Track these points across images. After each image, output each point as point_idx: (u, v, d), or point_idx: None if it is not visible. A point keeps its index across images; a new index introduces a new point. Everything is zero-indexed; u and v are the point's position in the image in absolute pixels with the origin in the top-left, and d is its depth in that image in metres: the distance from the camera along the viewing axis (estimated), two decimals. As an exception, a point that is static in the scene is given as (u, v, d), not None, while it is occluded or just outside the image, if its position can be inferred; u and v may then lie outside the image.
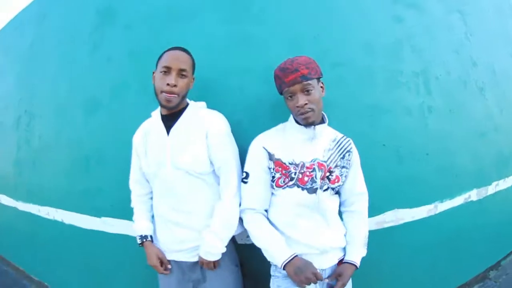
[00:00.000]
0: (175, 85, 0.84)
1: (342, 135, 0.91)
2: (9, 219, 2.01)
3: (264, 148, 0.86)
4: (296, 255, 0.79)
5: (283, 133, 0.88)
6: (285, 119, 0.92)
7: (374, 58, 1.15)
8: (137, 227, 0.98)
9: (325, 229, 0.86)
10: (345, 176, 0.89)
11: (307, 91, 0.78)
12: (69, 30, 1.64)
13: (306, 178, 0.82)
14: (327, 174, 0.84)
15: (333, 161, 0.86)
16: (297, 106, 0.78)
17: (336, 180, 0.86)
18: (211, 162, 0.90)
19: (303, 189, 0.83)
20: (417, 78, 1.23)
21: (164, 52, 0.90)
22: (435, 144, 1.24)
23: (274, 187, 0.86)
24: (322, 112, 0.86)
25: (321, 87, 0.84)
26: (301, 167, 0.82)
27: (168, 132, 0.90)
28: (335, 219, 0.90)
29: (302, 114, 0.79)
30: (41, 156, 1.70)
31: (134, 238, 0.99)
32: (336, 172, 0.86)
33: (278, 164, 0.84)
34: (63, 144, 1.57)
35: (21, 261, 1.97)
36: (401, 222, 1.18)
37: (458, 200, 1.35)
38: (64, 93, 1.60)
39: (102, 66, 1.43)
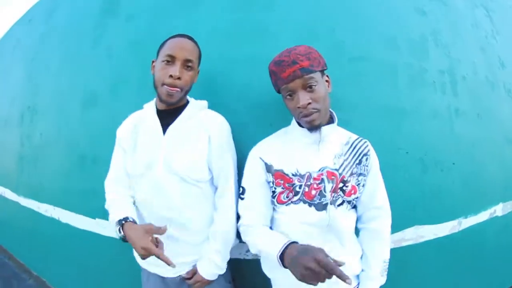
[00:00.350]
0: (179, 78, 0.68)
1: (356, 136, 0.71)
2: (12, 213, 1.89)
3: (261, 158, 0.68)
4: (293, 242, 0.57)
5: (284, 139, 0.70)
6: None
7: (397, 53, 0.95)
8: (114, 215, 0.71)
9: (339, 252, 0.65)
10: (363, 186, 0.68)
11: (310, 87, 0.60)
12: (74, 24, 1.53)
13: (313, 192, 0.63)
14: (340, 185, 0.64)
15: (347, 168, 0.66)
16: (299, 107, 0.60)
17: (353, 192, 0.66)
18: (209, 169, 0.73)
19: (310, 205, 0.63)
20: (443, 77, 1.02)
21: (168, 39, 0.73)
22: (462, 152, 1.02)
23: (276, 203, 0.67)
24: (330, 110, 0.67)
25: (327, 81, 0.66)
26: (307, 179, 0.63)
27: (164, 130, 0.73)
28: (352, 240, 0.69)
29: (305, 116, 0.61)
30: (41, 153, 1.57)
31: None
32: (352, 181, 0.65)
33: (279, 176, 0.65)
34: (61, 142, 1.43)
35: (21, 255, 1.85)
36: (422, 240, 0.97)
37: (483, 216, 1.12)
38: (65, 89, 1.47)
39: (102, 60, 1.29)
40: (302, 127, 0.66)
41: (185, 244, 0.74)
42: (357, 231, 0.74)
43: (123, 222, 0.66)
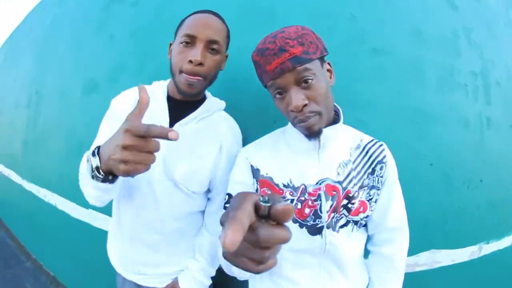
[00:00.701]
0: (200, 63, 0.50)
1: (370, 138, 0.53)
2: (16, 196, 1.82)
3: (247, 160, 0.51)
4: None
5: (279, 141, 0.53)
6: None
7: (425, 49, 0.76)
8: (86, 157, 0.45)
9: (340, 283, 0.49)
10: (375, 201, 0.51)
11: (305, 81, 0.42)
12: (82, 9, 1.42)
13: (307, 210, 0.47)
14: (344, 202, 0.47)
15: (356, 179, 0.48)
16: (292, 110, 0.43)
17: (362, 209, 0.48)
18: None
19: (302, 225, 0.47)
20: (476, 80, 0.82)
21: (188, 16, 0.55)
22: (491, 168, 0.83)
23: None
24: (334, 104, 0.48)
25: (328, 70, 0.47)
26: (301, 193, 0.47)
27: (171, 124, 0.56)
28: (357, 268, 0.52)
29: (302, 122, 0.44)
30: (43, 138, 1.48)
31: None
32: (361, 196, 0.48)
33: (265, 184, 0.48)
34: (61, 128, 1.34)
35: (22, 236, 1.78)
36: (437, 265, 0.79)
37: (505, 242, 0.92)
38: (68, 74, 1.37)
39: (104, 47, 1.18)
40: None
41: (167, 254, 0.60)
42: (366, 251, 0.57)
43: (97, 148, 0.39)
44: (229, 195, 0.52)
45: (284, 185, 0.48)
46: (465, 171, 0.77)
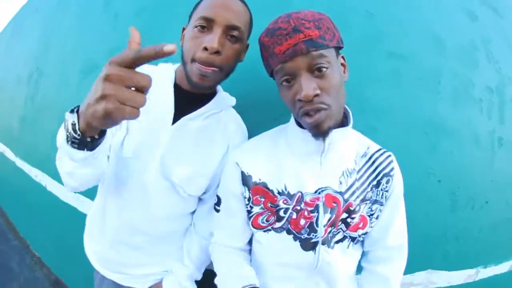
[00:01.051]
0: (217, 51, 0.42)
1: (378, 146, 0.47)
2: (9, 173, 1.76)
3: (237, 164, 0.45)
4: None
5: (275, 141, 0.46)
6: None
7: (443, 58, 0.71)
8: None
9: None
10: (377, 217, 0.45)
11: (319, 69, 0.36)
12: None
13: (302, 222, 0.41)
14: (344, 215, 0.42)
15: (358, 191, 0.43)
16: (300, 99, 0.37)
17: (361, 225, 0.43)
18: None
19: (296, 238, 0.41)
20: (491, 96, 0.76)
21: None
22: (498, 190, 0.77)
23: (251, 227, 0.45)
24: (345, 106, 0.42)
25: (342, 64, 0.41)
26: (297, 201, 0.41)
27: (175, 117, 0.48)
28: (348, 283, 0.47)
29: (308, 115, 0.37)
30: (39, 116, 1.43)
31: None
32: (362, 210, 0.43)
33: (259, 191, 0.43)
34: (57, 108, 1.28)
35: (12, 214, 1.72)
36: (433, 286, 0.74)
37: (503, 267, 0.87)
38: (69, 53, 1.30)
39: (108, 26, 1.11)
40: (303, 127, 0.42)
41: (151, 255, 0.54)
42: (359, 267, 0.52)
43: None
44: (218, 198, 0.46)
45: (278, 192, 0.42)
46: (472, 190, 0.72)
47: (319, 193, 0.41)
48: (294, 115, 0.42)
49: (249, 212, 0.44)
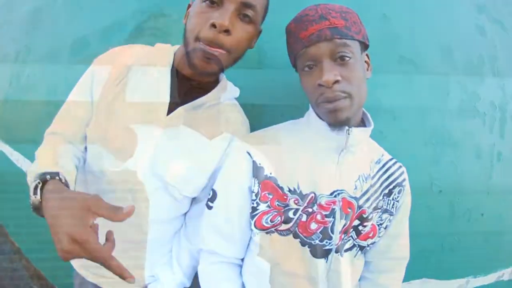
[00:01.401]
0: (227, 30, 0.36)
1: (389, 156, 0.46)
2: (-13, 155, 1.63)
3: (248, 154, 0.40)
4: None
5: (289, 135, 0.43)
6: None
7: (452, 68, 0.70)
8: (36, 164, 0.41)
9: None
10: (385, 228, 0.43)
11: (342, 58, 0.35)
12: None
13: (313, 226, 0.38)
14: (356, 222, 0.40)
15: (372, 199, 0.41)
16: (320, 84, 0.35)
17: (371, 234, 0.41)
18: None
19: (304, 244, 0.38)
20: (495, 112, 0.77)
21: None
22: (494, 203, 0.78)
23: (253, 227, 0.41)
24: (363, 109, 0.41)
25: (366, 62, 0.40)
26: (309, 202, 0.38)
27: (170, 109, 0.42)
28: None
29: (328, 101, 0.35)
30: (24, 97, 1.32)
31: None
32: (374, 219, 0.41)
33: (268, 187, 0.39)
34: (43, 90, 1.18)
35: None
36: (425, 295, 0.74)
37: (491, 278, 0.89)
38: (60, 30, 1.20)
39: (103, 0, 1.02)
40: (321, 119, 0.39)
41: (137, 259, 0.50)
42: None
43: (48, 177, 0.33)
44: (214, 192, 0.41)
45: (289, 190, 0.38)
46: (469, 202, 0.72)
47: (335, 195, 0.38)
48: (313, 104, 0.39)
49: (254, 209, 0.40)
